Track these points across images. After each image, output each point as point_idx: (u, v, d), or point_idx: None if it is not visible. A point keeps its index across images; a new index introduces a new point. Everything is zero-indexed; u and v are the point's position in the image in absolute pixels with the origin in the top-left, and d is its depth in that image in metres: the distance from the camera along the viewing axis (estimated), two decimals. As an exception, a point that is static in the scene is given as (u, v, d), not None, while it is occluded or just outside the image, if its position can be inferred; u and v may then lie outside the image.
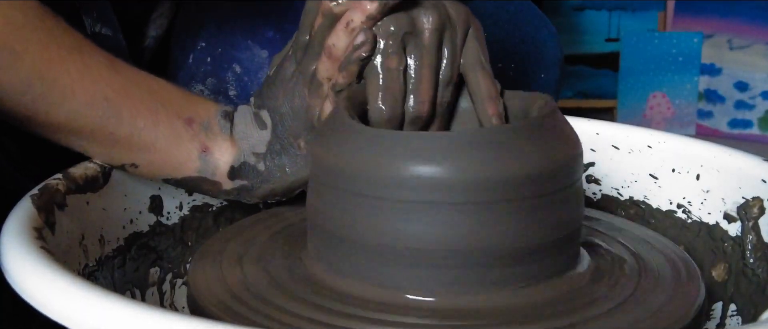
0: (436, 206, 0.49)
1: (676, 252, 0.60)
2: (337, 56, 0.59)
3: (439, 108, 0.60)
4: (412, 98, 0.58)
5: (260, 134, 0.63)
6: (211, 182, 0.63)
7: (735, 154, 0.66)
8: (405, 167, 0.49)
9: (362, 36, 0.57)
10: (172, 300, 0.65)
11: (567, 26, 2.21)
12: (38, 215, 0.52)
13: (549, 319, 0.49)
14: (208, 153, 0.62)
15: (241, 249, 0.58)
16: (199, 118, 0.61)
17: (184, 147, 0.61)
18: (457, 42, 0.59)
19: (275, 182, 0.63)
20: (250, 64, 0.83)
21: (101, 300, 0.42)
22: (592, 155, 0.73)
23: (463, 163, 0.49)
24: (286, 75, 0.62)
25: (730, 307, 0.61)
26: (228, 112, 0.63)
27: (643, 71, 2.21)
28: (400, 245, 0.50)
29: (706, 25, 2.19)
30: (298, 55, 0.62)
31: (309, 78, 0.60)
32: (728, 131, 2.20)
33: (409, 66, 0.58)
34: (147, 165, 0.61)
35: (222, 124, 0.62)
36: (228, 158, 0.62)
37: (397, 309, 0.49)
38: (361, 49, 0.57)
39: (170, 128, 0.60)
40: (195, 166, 0.62)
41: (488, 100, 0.58)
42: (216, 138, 0.62)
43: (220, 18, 0.86)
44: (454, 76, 0.59)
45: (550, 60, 0.95)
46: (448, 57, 0.59)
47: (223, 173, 0.62)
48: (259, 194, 0.64)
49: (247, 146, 0.62)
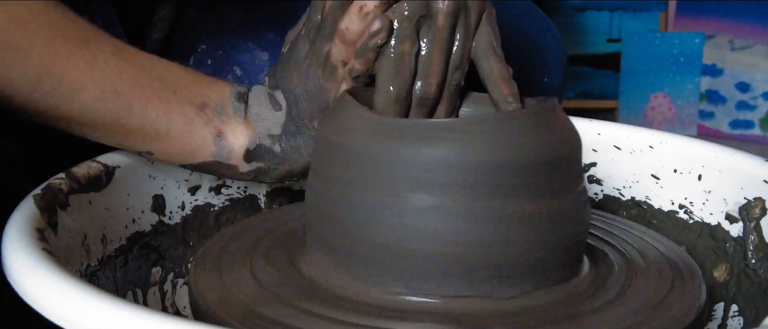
0: (437, 208, 0.49)
1: (678, 252, 0.60)
2: (351, 40, 0.58)
3: (446, 91, 0.59)
4: (420, 81, 0.58)
5: (275, 115, 0.62)
6: (227, 166, 0.62)
7: (737, 154, 0.66)
8: (407, 172, 0.49)
9: (378, 23, 0.56)
10: (174, 300, 0.65)
11: (568, 27, 2.21)
12: (41, 215, 0.52)
13: (550, 322, 0.49)
14: (223, 138, 0.61)
15: (241, 250, 0.58)
16: (212, 102, 0.61)
17: (198, 133, 0.60)
18: (471, 26, 0.58)
19: (291, 164, 0.63)
20: (250, 66, 0.83)
21: (101, 303, 0.42)
22: (594, 156, 0.73)
23: (467, 157, 0.49)
24: (299, 56, 0.62)
25: (732, 308, 0.61)
26: (242, 93, 0.62)
27: (645, 72, 2.21)
28: (401, 247, 0.49)
29: (708, 25, 2.19)
30: (311, 35, 0.61)
31: (322, 61, 0.60)
32: (729, 131, 2.20)
33: (421, 48, 0.58)
34: (161, 153, 0.61)
35: (236, 106, 0.62)
36: (243, 142, 0.62)
37: (397, 311, 0.49)
38: (377, 36, 0.57)
39: (183, 116, 0.60)
40: (210, 151, 0.61)
41: (502, 81, 0.58)
42: (230, 121, 0.61)
43: (220, 20, 0.86)
44: (464, 60, 0.59)
45: (552, 63, 0.95)
46: (459, 41, 0.58)
47: (238, 156, 0.62)
48: (276, 175, 0.64)
49: (262, 128, 0.62)
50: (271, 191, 0.72)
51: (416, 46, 0.57)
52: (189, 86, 0.60)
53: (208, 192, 0.69)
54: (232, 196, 0.70)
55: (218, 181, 0.69)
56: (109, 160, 0.62)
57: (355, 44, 0.58)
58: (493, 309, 0.49)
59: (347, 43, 0.58)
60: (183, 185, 0.67)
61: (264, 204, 0.72)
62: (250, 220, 0.65)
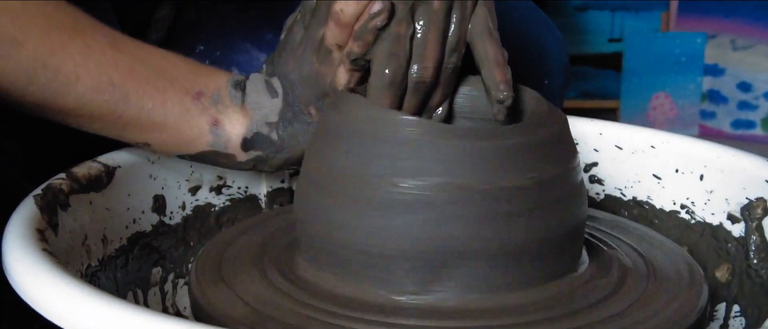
0: (431, 205, 0.49)
1: (680, 252, 0.60)
2: (346, 23, 0.57)
3: (443, 74, 0.59)
4: (416, 64, 0.57)
5: (272, 102, 0.62)
6: (225, 155, 0.62)
7: (739, 154, 0.65)
8: (398, 168, 0.49)
9: (379, 4, 0.56)
10: (174, 300, 0.65)
11: (570, 27, 2.20)
12: (41, 215, 0.52)
13: (549, 322, 0.49)
14: (219, 126, 0.61)
15: (242, 251, 0.58)
16: (208, 91, 0.61)
17: (194, 123, 0.60)
18: (467, 8, 0.58)
19: (289, 151, 0.62)
20: (248, 66, 0.83)
21: (102, 304, 0.42)
22: (596, 156, 0.73)
23: (462, 166, 0.49)
24: (295, 41, 0.61)
25: (734, 308, 0.61)
26: (239, 81, 0.62)
27: (646, 72, 2.21)
28: (393, 245, 0.49)
29: (710, 25, 2.19)
30: (306, 19, 0.61)
31: (317, 45, 0.60)
32: (731, 131, 2.20)
33: (417, 31, 0.57)
34: (159, 143, 0.61)
35: (233, 94, 0.61)
36: (240, 130, 0.62)
37: (391, 310, 0.49)
38: (377, 18, 0.56)
39: (179, 105, 0.59)
40: (207, 140, 0.61)
41: (496, 66, 0.57)
42: (227, 110, 0.61)
43: (218, 21, 0.85)
44: (460, 42, 0.58)
45: (555, 66, 0.94)
46: (455, 23, 0.58)
47: (235, 145, 0.62)
48: (275, 164, 0.63)
49: (259, 116, 0.62)
50: (272, 191, 0.72)
51: (411, 28, 0.57)
52: (185, 76, 0.60)
53: (209, 192, 0.69)
54: (232, 196, 0.70)
55: (219, 181, 0.69)
56: (109, 160, 0.62)
57: (349, 27, 0.57)
58: (491, 306, 0.49)
59: (342, 25, 0.58)
60: (184, 186, 0.67)
61: (265, 204, 0.72)
62: (251, 220, 0.65)
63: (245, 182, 0.71)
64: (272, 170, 0.64)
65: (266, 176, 0.72)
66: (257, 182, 0.71)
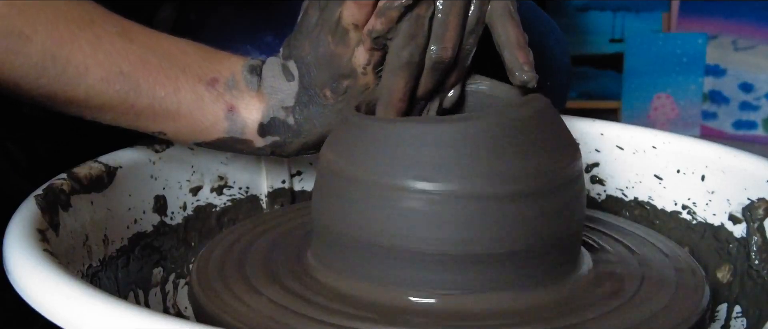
0: (439, 207, 0.49)
1: (681, 253, 0.60)
2: (366, 1, 0.56)
3: (460, 53, 0.58)
4: (435, 45, 0.57)
5: (288, 86, 0.61)
6: (242, 141, 0.62)
7: (740, 155, 0.65)
8: (408, 172, 0.49)
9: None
10: (175, 300, 0.65)
11: (571, 27, 2.20)
12: (42, 216, 0.52)
13: (550, 321, 0.49)
14: (235, 112, 0.60)
15: (243, 252, 0.58)
16: (222, 77, 0.60)
17: (209, 110, 0.60)
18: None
19: (306, 136, 0.61)
20: None
21: (103, 304, 0.42)
22: (597, 156, 0.73)
23: (466, 168, 0.49)
24: (310, 23, 0.60)
25: (735, 309, 0.61)
26: (255, 66, 0.61)
27: (648, 72, 2.21)
28: (402, 246, 0.49)
29: (711, 26, 2.19)
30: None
31: (334, 25, 0.58)
32: (733, 132, 2.20)
33: (437, 11, 0.56)
34: (174, 132, 0.60)
35: (248, 79, 0.61)
36: (256, 116, 0.61)
37: (399, 310, 0.49)
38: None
39: (192, 92, 0.59)
40: (223, 127, 0.61)
41: (517, 48, 0.56)
42: (242, 95, 0.61)
43: (219, 22, 0.85)
44: (479, 24, 0.57)
45: (556, 67, 0.94)
46: (476, 4, 0.57)
47: (252, 130, 0.61)
48: (293, 149, 0.62)
49: (275, 100, 0.61)
50: (273, 191, 0.72)
51: (432, 8, 0.56)
52: (198, 62, 0.60)
53: (210, 193, 0.69)
54: (233, 197, 0.70)
55: (220, 182, 0.69)
56: (110, 160, 0.62)
57: (369, 6, 0.56)
58: (495, 307, 0.49)
59: (362, 4, 0.57)
60: (185, 186, 0.67)
61: (266, 205, 0.72)
62: (251, 220, 0.65)
63: (246, 183, 0.71)
64: (290, 155, 0.63)
65: (267, 176, 0.72)
66: (258, 183, 0.71)
